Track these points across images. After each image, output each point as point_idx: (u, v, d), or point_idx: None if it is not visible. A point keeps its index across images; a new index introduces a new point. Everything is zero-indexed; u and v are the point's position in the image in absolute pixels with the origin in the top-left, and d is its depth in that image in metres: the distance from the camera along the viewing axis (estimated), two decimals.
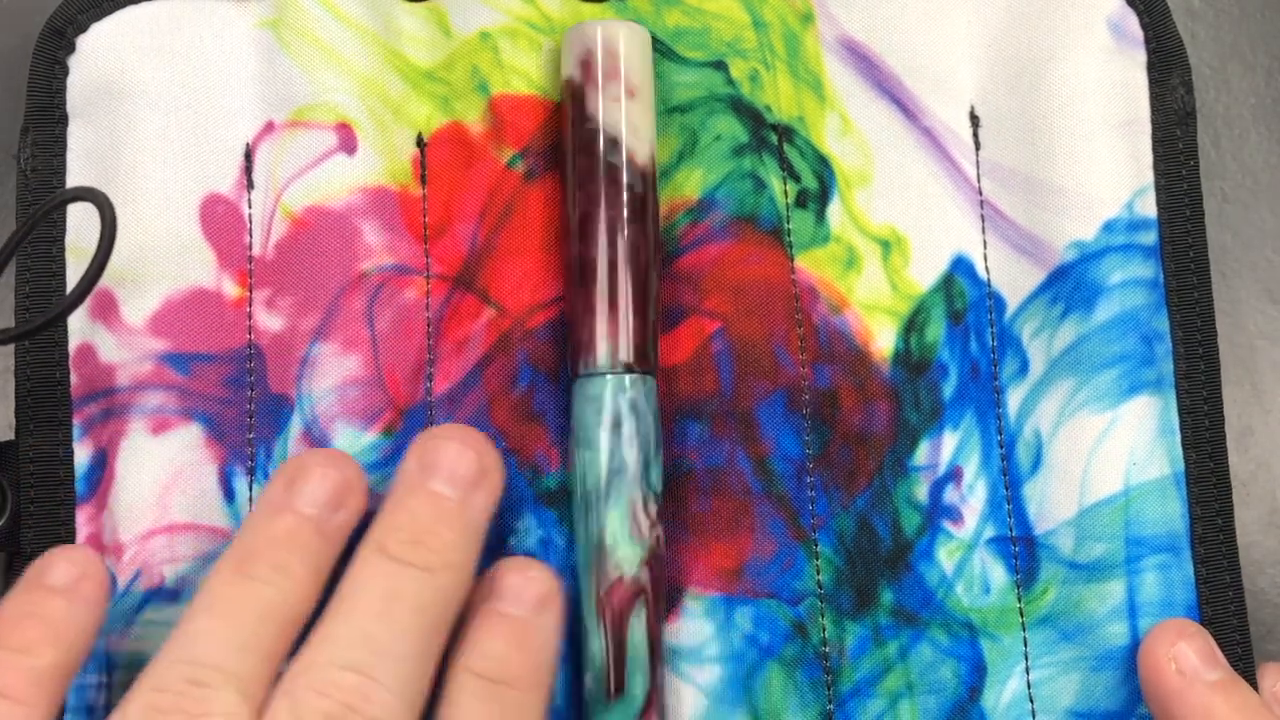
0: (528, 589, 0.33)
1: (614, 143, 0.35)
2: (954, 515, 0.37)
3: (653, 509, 0.34)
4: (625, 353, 0.35)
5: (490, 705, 0.31)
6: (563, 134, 0.37)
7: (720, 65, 0.38)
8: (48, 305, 0.36)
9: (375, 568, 0.31)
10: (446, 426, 0.34)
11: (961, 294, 0.38)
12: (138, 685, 0.29)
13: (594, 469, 0.34)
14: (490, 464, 0.33)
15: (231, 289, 0.37)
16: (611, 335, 0.35)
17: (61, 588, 0.31)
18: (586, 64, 0.36)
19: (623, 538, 0.34)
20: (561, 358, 0.36)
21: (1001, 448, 0.37)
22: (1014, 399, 0.38)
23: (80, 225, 0.37)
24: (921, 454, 0.37)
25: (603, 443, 0.34)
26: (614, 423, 0.34)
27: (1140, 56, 0.38)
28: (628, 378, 0.35)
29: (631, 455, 0.34)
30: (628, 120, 0.36)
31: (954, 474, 0.37)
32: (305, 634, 0.31)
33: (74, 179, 0.37)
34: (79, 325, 0.36)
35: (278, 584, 0.31)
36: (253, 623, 0.30)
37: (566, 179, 0.36)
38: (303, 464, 0.33)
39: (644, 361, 0.35)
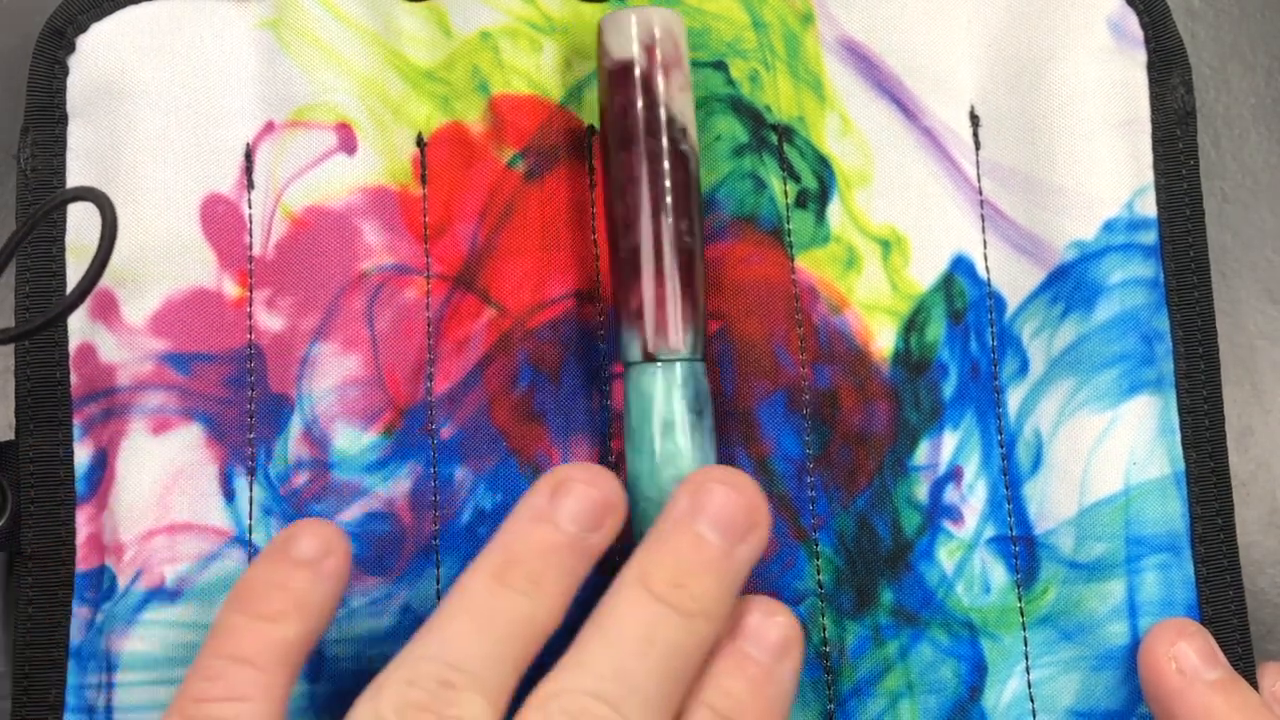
0: (772, 633, 0.32)
1: (684, 131, 0.35)
2: (954, 515, 0.37)
3: None
4: (693, 338, 0.35)
5: None
6: (614, 116, 0.35)
7: (720, 65, 0.38)
8: (48, 305, 0.36)
9: (636, 603, 0.31)
10: (722, 470, 0.33)
11: (961, 294, 0.38)
12: (390, 674, 0.30)
13: (676, 461, 0.34)
14: (761, 518, 0.32)
15: (232, 289, 0.37)
16: (689, 318, 0.34)
17: (307, 561, 0.31)
18: (650, 49, 0.35)
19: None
20: (562, 358, 0.36)
21: (1002, 447, 0.37)
22: (1014, 399, 0.38)
23: (80, 225, 0.37)
24: (921, 454, 0.37)
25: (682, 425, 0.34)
26: (693, 408, 0.34)
27: (1140, 56, 0.38)
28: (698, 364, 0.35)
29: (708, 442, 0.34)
30: (688, 110, 0.35)
31: (954, 474, 0.37)
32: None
33: (74, 179, 0.37)
34: (79, 325, 0.36)
35: (534, 597, 0.31)
36: (506, 633, 0.30)
37: (615, 164, 0.35)
38: (567, 477, 0.32)
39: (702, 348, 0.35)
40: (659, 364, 0.34)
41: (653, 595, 0.31)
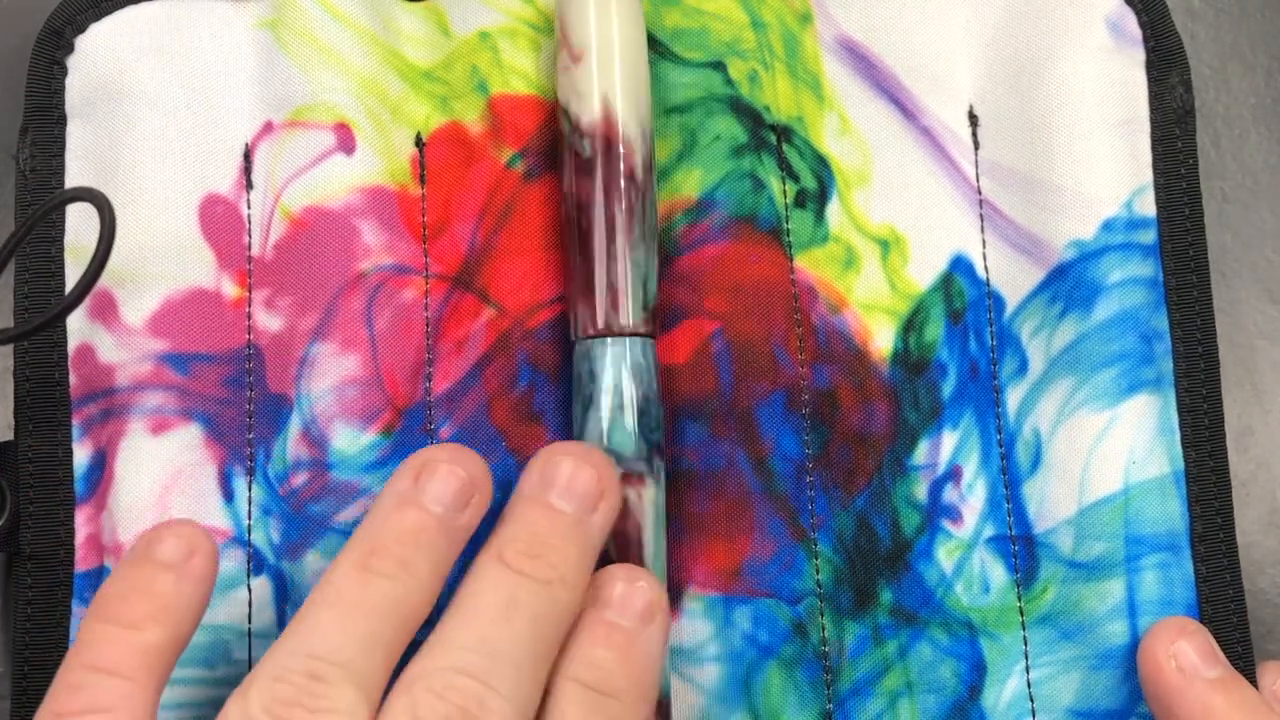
0: (636, 599, 0.32)
1: (564, 111, 0.36)
2: (953, 514, 0.37)
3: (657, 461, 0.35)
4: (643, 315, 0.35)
5: (594, 716, 0.31)
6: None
7: (719, 65, 0.38)
8: (47, 305, 0.36)
9: (494, 576, 0.31)
10: (567, 444, 0.33)
11: (960, 293, 0.38)
12: (258, 671, 0.29)
13: (594, 428, 0.34)
14: (609, 485, 0.33)
15: (230, 289, 0.37)
16: (639, 296, 0.35)
17: (171, 563, 0.31)
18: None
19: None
20: (561, 358, 0.36)
21: (1001, 447, 0.37)
22: (1013, 398, 0.37)
23: (79, 225, 0.37)
24: (921, 453, 0.37)
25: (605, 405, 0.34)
26: (615, 386, 0.35)
27: (1139, 55, 0.38)
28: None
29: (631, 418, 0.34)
30: (571, 86, 0.36)
31: (953, 473, 0.37)
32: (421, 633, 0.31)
33: (73, 179, 0.37)
34: (78, 325, 0.36)
35: (402, 581, 0.30)
36: (375, 620, 0.30)
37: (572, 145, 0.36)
38: (430, 459, 0.32)
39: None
40: (609, 340, 0.35)
41: (510, 568, 0.31)
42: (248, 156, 0.37)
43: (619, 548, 0.34)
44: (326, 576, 0.31)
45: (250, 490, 0.36)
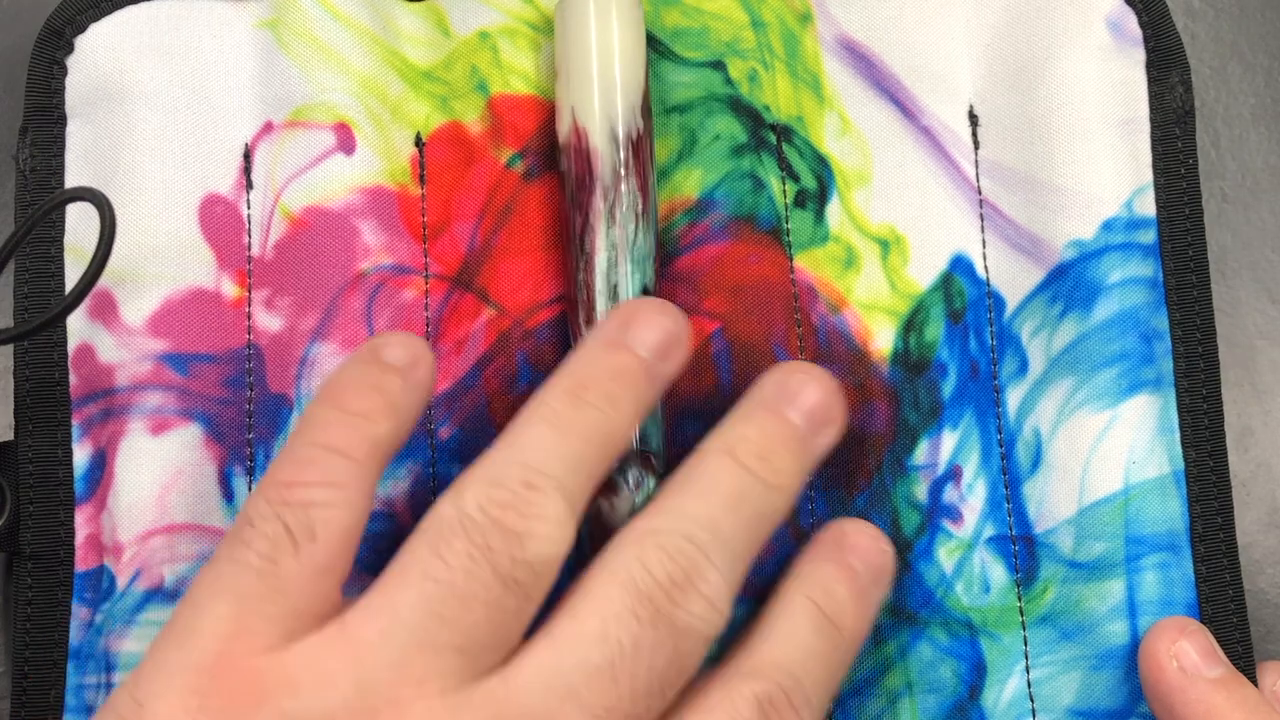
0: (875, 557, 0.34)
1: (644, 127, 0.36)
2: (953, 514, 0.37)
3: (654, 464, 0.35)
4: None
5: (822, 641, 0.32)
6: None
7: (719, 65, 0.38)
8: (46, 305, 0.36)
9: (727, 467, 0.32)
10: (806, 364, 0.35)
11: (960, 293, 0.38)
12: (470, 476, 0.30)
13: None
14: (838, 415, 0.34)
15: (230, 289, 0.37)
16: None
17: (399, 367, 0.31)
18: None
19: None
20: (561, 358, 0.36)
21: (1001, 447, 0.37)
22: (1013, 398, 0.37)
23: (78, 225, 0.37)
24: (921, 453, 0.37)
25: None
26: None
27: (1139, 55, 0.38)
28: None
29: None
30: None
31: (953, 473, 0.37)
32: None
33: (73, 179, 0.37)
34: (78, 325, 0.36)
35: (608, 414, 0.31)
36: (583, 443, 0.31)
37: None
38: (637, 309, 0.33)
39: None
40: None
41: (739, 464, 0.32)
42: (248, 156, 0.37)
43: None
44: (538, 398, 0.32)
45: (250, 490, 0.36)
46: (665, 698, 0.30)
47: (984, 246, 0.38)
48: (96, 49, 0.37)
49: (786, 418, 0.33)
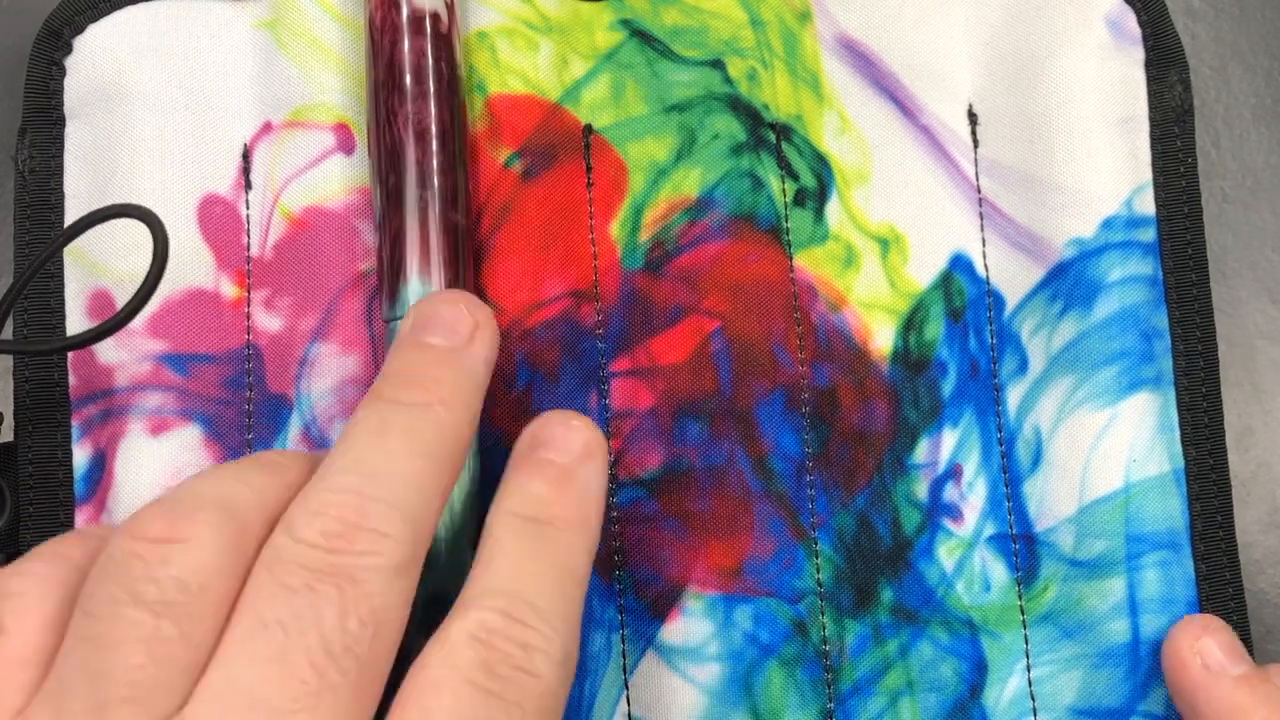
0: (571, 439, 0.32)
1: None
2: (954, 513, 0.37)
3: None
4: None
5: (532, 543, 0.30)
6: (411, 71, 0.36)
7: (718, 64, 0.38)
8: (46, 306, 0.36)
9: (368, 409, 0.30)
10: (438, 291, 0.33)
11: (960, 292, 0.38)
12: (129, 526, 0.28)
13: None
14: (482, 318, 0.32)
15: (230, 289, 0.37)
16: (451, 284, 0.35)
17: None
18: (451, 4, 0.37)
19: None
20: (559, 357, 0.36)
21: (1001, 445, 0.37)
22: (1013, 396, 0.37)
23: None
24: (921, 452, 0.37)
25: None
26: None
27: (1138, 54, 0.38)
28: None
29: None
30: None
31: (953, 472, 0.37)
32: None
33: (71, 180, 0.37)
34: (78, 326, 0.36)
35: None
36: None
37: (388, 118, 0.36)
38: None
39: None
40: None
41: (383, 400, 0.30)
42: (246, 157, 0.37)
43: None
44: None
45: None
46: (364, 648, 0.27)
47: (984, 245, 0.38)
48: (95, 50, 0.37)
49: (424, 342, 0.32)
